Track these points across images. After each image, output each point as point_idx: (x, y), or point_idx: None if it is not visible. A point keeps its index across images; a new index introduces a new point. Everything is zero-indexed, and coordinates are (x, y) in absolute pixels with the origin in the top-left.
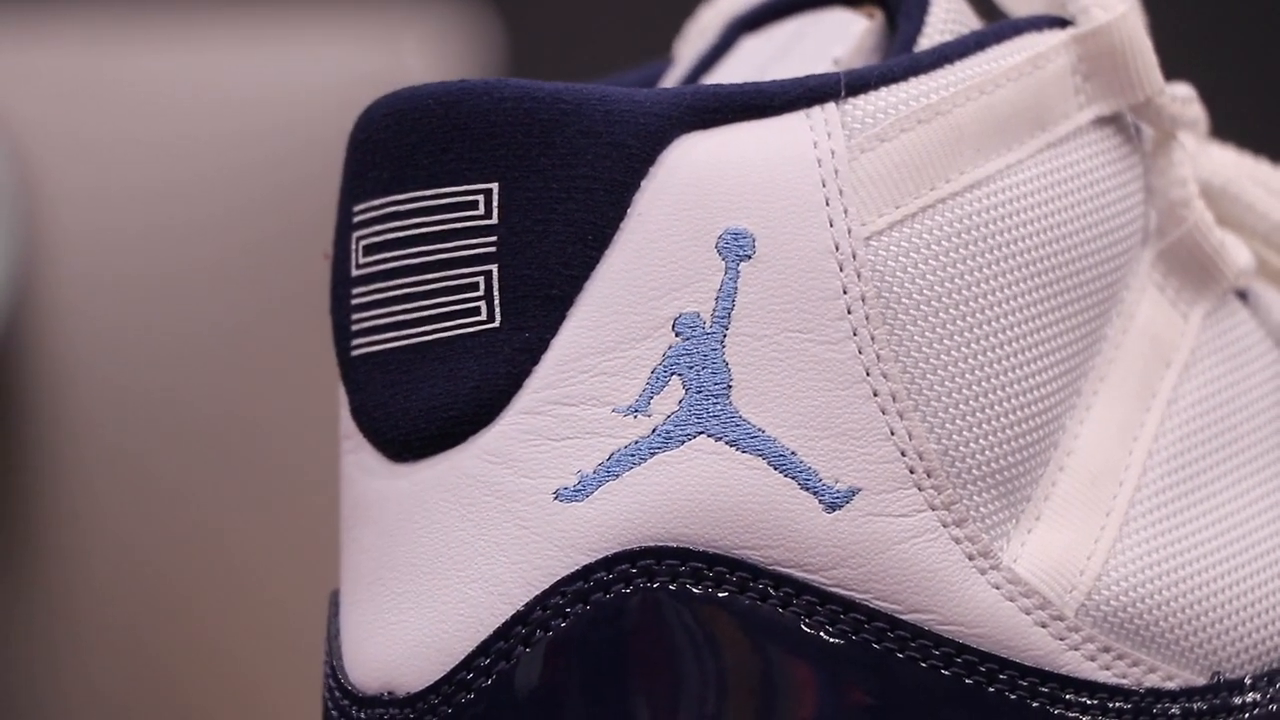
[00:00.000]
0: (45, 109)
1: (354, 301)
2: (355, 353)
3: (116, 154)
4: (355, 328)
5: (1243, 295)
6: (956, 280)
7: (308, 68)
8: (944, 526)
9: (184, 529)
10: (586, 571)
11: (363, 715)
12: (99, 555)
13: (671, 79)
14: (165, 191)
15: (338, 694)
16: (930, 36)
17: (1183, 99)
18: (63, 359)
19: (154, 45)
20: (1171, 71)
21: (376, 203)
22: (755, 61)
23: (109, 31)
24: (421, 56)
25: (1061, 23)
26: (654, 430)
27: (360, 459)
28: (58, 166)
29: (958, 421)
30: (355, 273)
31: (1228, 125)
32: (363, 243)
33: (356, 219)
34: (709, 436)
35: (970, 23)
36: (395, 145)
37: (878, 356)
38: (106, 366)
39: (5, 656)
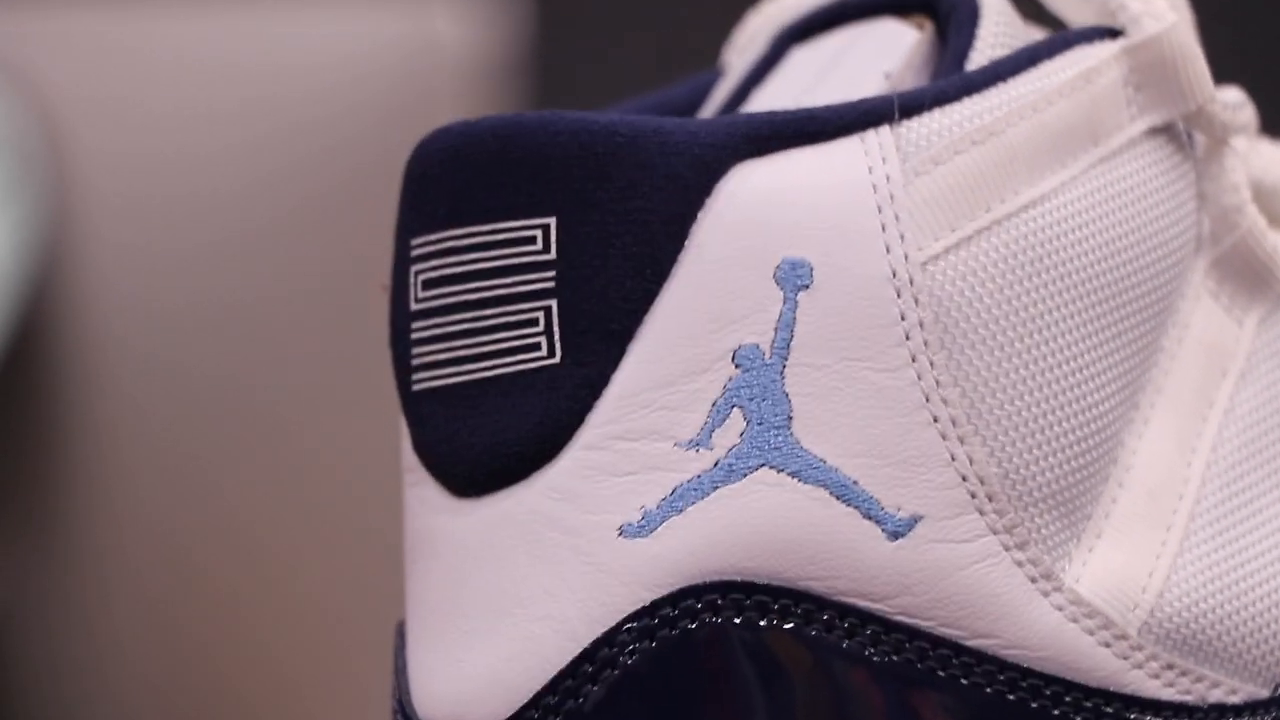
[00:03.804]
0: (76, 75)
1: (414, 336)
2: (416, 387)
3: (145, 121)
4: (416, 362)
5: None
6: (1013, 302)
7: (340, 34)
8: (1006, 550)
9: (213, 500)
10: (653, 608)
11: None
12: (128, 527)
13: (722, 91)
14: (194, 159)
15: None
16: (982, 51)
17: (1234, 105)
18: (93, 327)
19: (184, 12)
20: (1220, 71)
21: (434, 237)
22: (805, 75)
23: None
24: (452, 22)
25: (1112, 33)
26: (716, 464)
27: (423, 493)
28: (89, 133)
29: (1018, 444)
30: (414, 307)
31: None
32: (421, 277)
33: (415, 253)
34: (771, 468)
35: (1021, 33)
36: (451, 180)
37: (937, 382)
38: (136, 336)
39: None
